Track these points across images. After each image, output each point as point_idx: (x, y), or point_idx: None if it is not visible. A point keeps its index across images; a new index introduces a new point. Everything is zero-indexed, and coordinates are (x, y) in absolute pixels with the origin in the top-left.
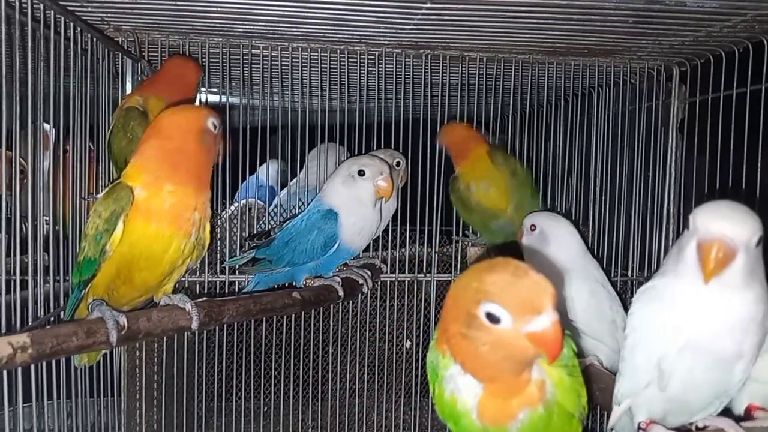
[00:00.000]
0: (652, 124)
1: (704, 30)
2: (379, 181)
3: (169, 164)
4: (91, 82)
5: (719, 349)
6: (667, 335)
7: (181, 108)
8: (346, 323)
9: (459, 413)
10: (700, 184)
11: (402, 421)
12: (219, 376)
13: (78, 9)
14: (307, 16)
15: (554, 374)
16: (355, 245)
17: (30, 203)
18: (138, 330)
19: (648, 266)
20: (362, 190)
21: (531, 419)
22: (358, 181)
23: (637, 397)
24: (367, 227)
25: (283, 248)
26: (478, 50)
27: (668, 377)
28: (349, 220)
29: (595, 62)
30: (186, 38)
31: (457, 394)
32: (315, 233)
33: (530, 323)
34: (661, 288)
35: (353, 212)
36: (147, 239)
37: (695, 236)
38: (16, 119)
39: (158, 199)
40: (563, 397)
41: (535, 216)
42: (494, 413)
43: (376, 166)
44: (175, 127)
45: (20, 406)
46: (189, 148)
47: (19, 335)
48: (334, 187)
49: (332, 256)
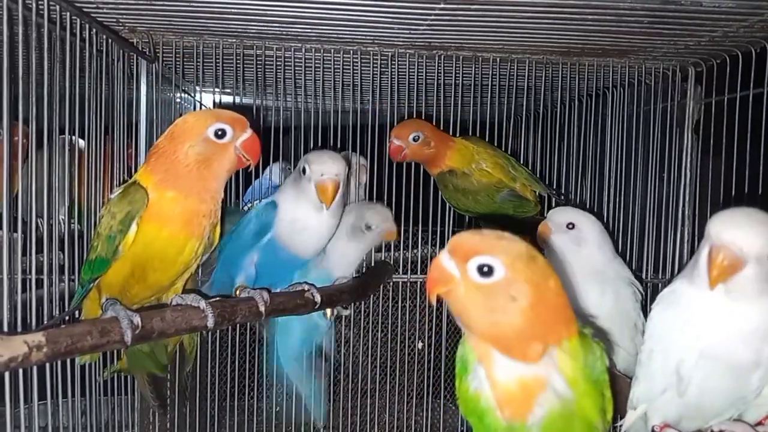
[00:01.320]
0: (667, 125)
1: (720, 30)
2: (320, 181)
3: (172, 172)
4: (106, 83)
5: (734, 358)
6: (685, 341)
7: (191, 113)
8: (358, 324)
9: (482, 409)
10: (716, 185)
11: (414, 422)
12: (231, 375)
13: (93, 11)
14: (321, 17)
15: (569, 371)
16: (295, 248)
17: (46, 202)
18: (152, 329)
19: (662, 269)
20: (305, 190)
21: (550, 415)
22: (303, 179)
23: (653, 402)
24: (311, 230)
25: (227, 238)
26: (492, 50)
27: (687, 383)
28: (289, 216)
29: (609, 63)
30: (200, 39)
31: (480, 390)
32: (252, 221)
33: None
34: (680, 293)
35: (297, 210)
36: (161, 242)
37: (708, 243)
38: (33, 120)
39: (168, 204)
40: (581, 399)
41: (573, 213)
42: (511, 402)
43: (321, 165)
44: (178, 132)
45: (35, 404)
46: (187, 157)
47: (34, 334)
48: (285, 184)
49: (269, 256)
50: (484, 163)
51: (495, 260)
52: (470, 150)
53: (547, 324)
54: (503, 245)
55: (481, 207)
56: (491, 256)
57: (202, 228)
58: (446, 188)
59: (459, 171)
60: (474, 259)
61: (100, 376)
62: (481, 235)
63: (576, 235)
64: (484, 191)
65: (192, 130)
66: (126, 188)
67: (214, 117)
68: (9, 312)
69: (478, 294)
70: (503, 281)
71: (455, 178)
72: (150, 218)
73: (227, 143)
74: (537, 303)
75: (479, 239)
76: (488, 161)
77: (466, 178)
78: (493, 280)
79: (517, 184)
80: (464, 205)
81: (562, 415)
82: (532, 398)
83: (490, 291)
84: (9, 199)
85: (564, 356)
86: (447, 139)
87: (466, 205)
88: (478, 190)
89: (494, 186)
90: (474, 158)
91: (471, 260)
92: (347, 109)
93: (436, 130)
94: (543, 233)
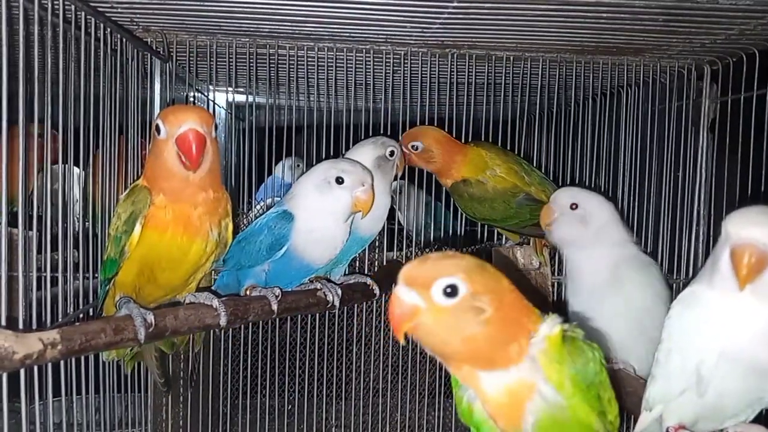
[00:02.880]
0: (682, 123)
1: (737, 28)
2: (359, 193)
3: (154, 174)
4: (120, 82)
5: (754, 358)
6: (705, 342)
7: (166, 109)
8: (370, 323)
9: (477, 421)
10: (732, 184)
11: (426, 422)
12: (244, 373)
13: (108, 10)
14: (333, 15)
15: (553, 374)
16: (309, 257)
17: (60, 201)
18: (165, 327)
19: (677, 268)
20: (336, 200)
21: (542, 420)
22: (334, 188)
23: (670, 402)
24: (328, 240)
25: (235, 246)
26: (505, 49)
27: (707, 384)
28: (307, 226)
29: (624, 61)
30: (213, 38)
31: (472, 401)
32: (265, 233)
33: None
34: (699, 294)
35: (316, 220)
36: (164, 245)
37: (728, 243)
38: (48, 119)
39: (163, 208)
40: (573, 402)
41: (574, 192)
42: (500, 412)
43: (358, 175)
44: (154, 131)
45: (50, 400)
46: (160, 160)
47: (49, 332)
48: (304, 190)
49: (282, 266)
50: (498, 169)
51: (456, 279)
52: (483, 157)
53: (514, 322)
54: (457, 263)
55: (497, 214)
56: (451, 276)
57: (205, 227)
58: (461, 198)
59: (473, 180)
60: (437, 283)
61: (115, 372)
62: (431, 259)
63: (581, 214)
64: (500, 198)
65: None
66: (131, 189)
67: (160, 114)
68: (24, 309)
69: (447, 316)
70: (468, 297)
71: (470, 188)
72: (152, 220)
73: (164, 140)
74: (500, 307)
75: (434, 264)
76: (502, 167)
77: (481, 186)
78: (459, 299)
79: (531, 187)
80: (480, 213)
81: (555, 421)
82: (522, 406)
83: (457, 310)
84: (25, 197)
85: (547, 361)
86: (457, 149)
87: (483, 213)
88: (494, 198)
89: (510, 192)
90: (488, 165)
91: (434, 285)
92: (359, 108)
93: (444, 140)
94: (545, 217)
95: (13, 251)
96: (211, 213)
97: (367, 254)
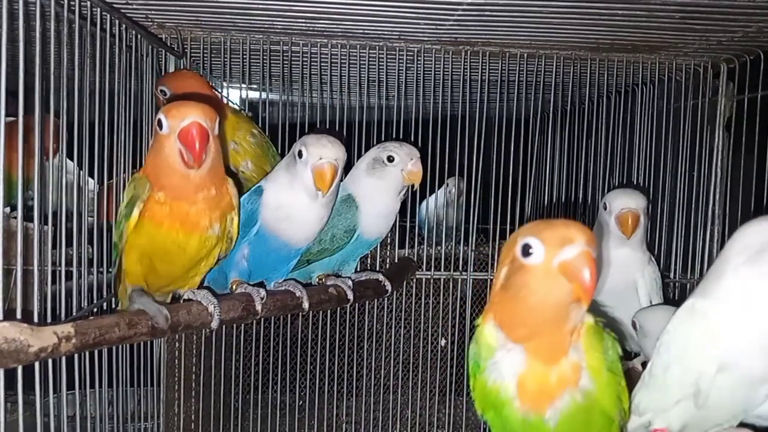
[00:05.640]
0: (697, 122)
1: (755, 26)
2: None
3: (155, 170)
4: (135, 78)
5: (751, 370)
6: (704, 355)
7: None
8: (381, 320)
9: (501, 402)
10: (747, 184)
11: (436, 419)
12: (255, 369)
13: (123, 6)
14: (347, 12)
15: (593, 362)
16: (284, 235)
17: (76, 197)
18: (178, 322)
19: (691, 268)
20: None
21: (569, 409)
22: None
23: (664, 412)
24: (299, 220)
25: None
26: (519, 46)
27: (706, 396)
28: (273, 202)
29: (639, 59)
30: (227, 35)
31: (500, 381)
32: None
33: (561, 253)
34: (698, 308)
35: (283, 195)
36: (160, 238)
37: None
38: (64, 114)
39: (160, 203)
40: (602, 391)
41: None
42: (534, 393)
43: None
44: (156, 126)
45: (64, 394)
46: (161, 156)
47: (63, 325)
48: (278, 166)
49: (260, 248)
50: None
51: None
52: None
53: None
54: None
55: None
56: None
57: (203, 223)
58: None
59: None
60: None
61: (128, 367)
62: (574, 224)
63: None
64: None
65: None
66: (133, 177)
67: (163, 108)
68: (39, 303)
69: None
70: None
71: None
72: (149, 212)
73: (166, 135)
74: None
75: (583, 228)
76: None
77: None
78: None
79: None
80: None
81: (582, 409)
82: (561, 390)
83: None
84: (40, 191)
85: (591, 349)
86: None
87: None
88: None
89: None
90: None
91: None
92: (372, 106)
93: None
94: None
95: (28, 245)
96: (212, 208)
97: (378, 251)
